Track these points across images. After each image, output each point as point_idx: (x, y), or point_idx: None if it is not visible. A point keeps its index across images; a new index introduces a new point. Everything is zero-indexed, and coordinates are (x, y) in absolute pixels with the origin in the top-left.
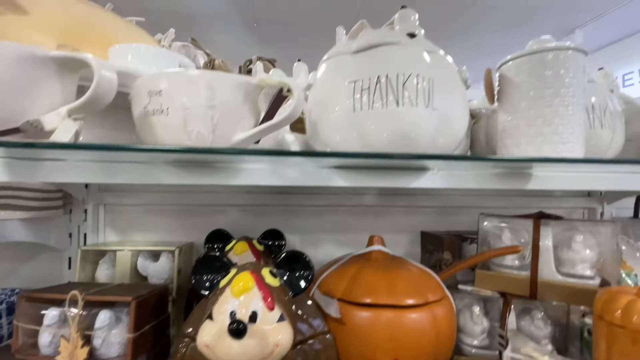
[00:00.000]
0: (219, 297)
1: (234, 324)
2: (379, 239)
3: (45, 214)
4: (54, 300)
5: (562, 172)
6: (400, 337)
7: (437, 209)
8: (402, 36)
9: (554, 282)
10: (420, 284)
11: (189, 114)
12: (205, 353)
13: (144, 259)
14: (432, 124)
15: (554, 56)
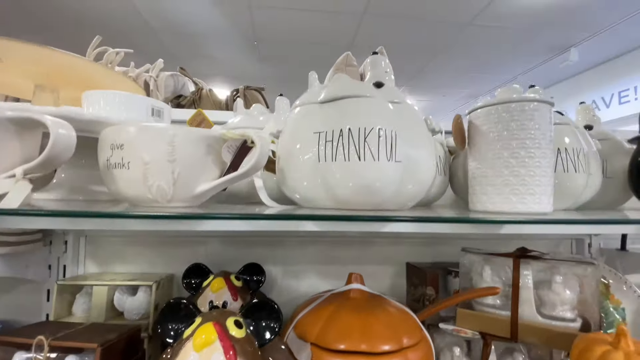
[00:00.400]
0: (181, 349)
1: None
2: (357, 276)
3: (24, 249)
4: (20, 345)
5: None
6: None
7: (423, 239)
8: (367, 88)
9: (534, 324)
10: (397, 328)
11: (149, 169)
12: None
13: (121, 293)
14: (396, 175)
15: (520, 107)
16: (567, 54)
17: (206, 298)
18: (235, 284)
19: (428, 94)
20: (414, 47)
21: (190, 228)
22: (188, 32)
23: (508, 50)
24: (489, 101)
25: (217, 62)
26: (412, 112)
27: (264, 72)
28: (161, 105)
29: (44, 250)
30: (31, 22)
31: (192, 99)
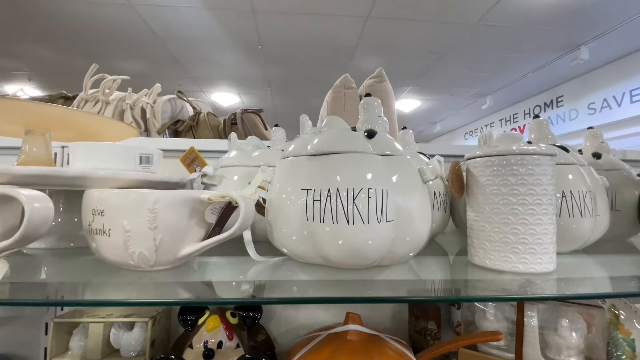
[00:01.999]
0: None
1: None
2: (355, 317)
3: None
4: None
5: None
6: None
7: None
8: (357, 141)
9: None
10: None
11: (130, 237)
12: None
13: (117, 329)
14: (387, 235)
15: (520, 161)
16: (577, 52)
17: (201, 337)
18: (231, 322)
19: (435, 93)
20: (420, 46)
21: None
22: (192, 38)
23: (516, 49)
24: (487, 151)
25: (222, 67)
26: (404, 164)
27: (269, 75)
28: (150, 151)
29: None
30: (37, 32)
31: (190, 125)
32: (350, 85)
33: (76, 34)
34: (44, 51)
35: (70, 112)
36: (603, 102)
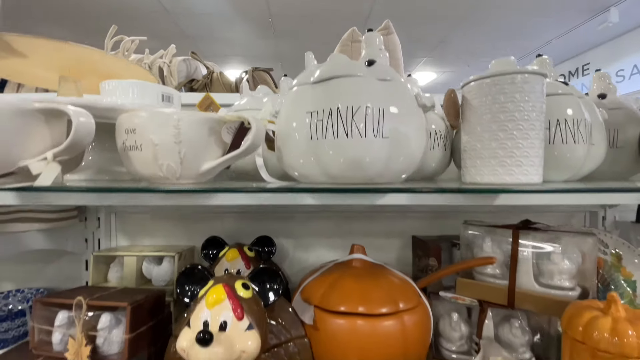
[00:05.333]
0: (196, 306)
1: (201, 334)
2: (359, 247)
3: (62, 224)
4: (63, 305)
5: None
6: (369, 342)
7: (429, 213)
8: (357, 67)
9: (531, 293)
10: (394, 293)
11: (159, 150)
12: (182, 356)
13: (148, 263)
14: (383, 150)
15: (510, 80)
16: (607, 14)
17: (222, 267)
18: (248, 255)
19: (451, 65)
20: (434, 16)
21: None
22: (203, 13)
23: (539, 14)
24: (480, 75)
25: (232, 43)
26: (402, 89)
27: (280, 50)
28: (171, 91)
29: (80, 226)
30: (47, 11)
31: (204, 83)
32: (358, 39)
33: (86, 12)
34: (54, 30)
35: (99, 53)
36: (633, 69)
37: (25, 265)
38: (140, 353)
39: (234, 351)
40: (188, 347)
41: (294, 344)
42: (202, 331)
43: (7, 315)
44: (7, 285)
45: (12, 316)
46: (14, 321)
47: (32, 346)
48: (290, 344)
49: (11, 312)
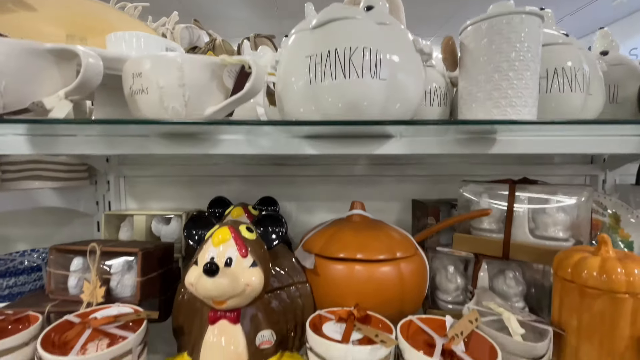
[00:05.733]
0: (203, 247)
1: (207, 265)
2: (359, 204)
3: (73, 184)
4: (78, 251)
5: (524, 136)
6: (367, 287)
7: (428, 177)
8: (355, 10)
9: (525, 244)
10: (392, 243)
11: (164, 92)
12: (191, 290)
13: (157, 222)
14: (381, 93)
15: (506, 21)
16: None
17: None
18: (253, 213)
19: None
20: None
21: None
22: None
23: None
24: (476, 18)
25: (235, 22)
26: (400, 33)
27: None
28: (175, 46)
29: (90, 189)
30: None
31: (207, 49)
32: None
33: None
34: None
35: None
36: None
37: (40, 227)
38: (151, 297)
39: (238, 285)
40: (195, 280)
41: (295, 288)
42: (208, 262)
43: (23, 269)
44: (23, 245)
45: (28, 270)
46: (30, 275)
47: (48, 291)
48: (292, 287)
49: (27, 267)
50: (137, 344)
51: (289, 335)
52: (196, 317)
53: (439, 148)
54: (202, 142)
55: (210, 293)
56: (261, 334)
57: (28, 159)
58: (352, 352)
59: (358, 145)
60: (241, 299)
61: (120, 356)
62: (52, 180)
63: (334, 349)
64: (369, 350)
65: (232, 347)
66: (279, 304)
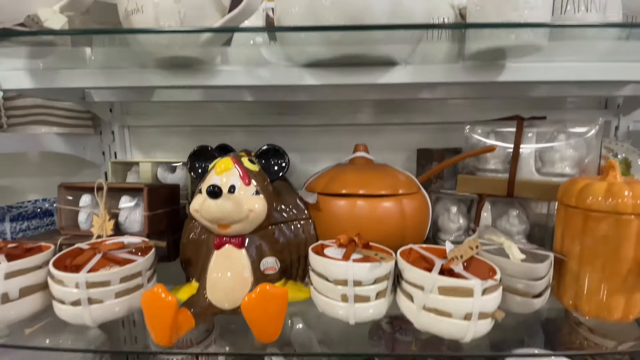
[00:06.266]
0: (206, 177)
1: (211, 187)
2: (362, 146)
3: (79, 131)
4: (85, 188)
5: (534, 62)
6: (369, 221)
7: (434, 126)
8: None
9: (531, 181)
10: (394, 182)
11: (159, 11)
12: (196, 217)
13: (162, 170)
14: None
15: None
16: None
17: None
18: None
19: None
20: None
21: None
22: None
23: None
24: None
25: None
26: None
27: None
28: None
29: (96, 139)
30: None
31: None
32: None
33: None
34: None
35: None
36: None
37: (49, 178)
38: (159, 233)
39: (242, 210)
40: (200, 205)
41: (298, 223)
42: (211, 185)
43: (35, 214)
44: (34, 196)
45: (40, 215)
46: (43, 220)
47: (59, 227)
48: (296, 222)
49: (39, 212)
50: (146, 268)
51: (293, 266)
52: (202, 247)
53: (446, 76)
54: (200, 73)
55: (214, 215)
56: (265, 260)
57: (33, 104)
58: (352, 269)
59: (360, 74)
60: (245, 224)
61: (129, 277)
62: (57, 126)
63: (335, 266)
64: (369, 267)
65: (238, 270)
66: (282, 237)
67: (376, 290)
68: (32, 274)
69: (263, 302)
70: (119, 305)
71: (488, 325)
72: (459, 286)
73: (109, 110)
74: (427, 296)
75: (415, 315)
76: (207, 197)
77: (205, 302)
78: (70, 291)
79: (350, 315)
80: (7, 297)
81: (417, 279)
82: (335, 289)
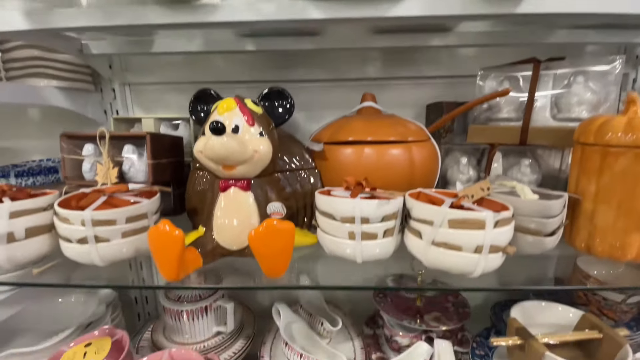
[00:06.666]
0: (209, 118)
1: (213, 123)
2: (370, 95)
3: (78, 86)
4: (88, 137)
5: None
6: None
7: (444, 79)
8: None
9: (546, 127)
10: (403, 129)
11: None
12: (199, 159)
13: (165, 127)
14: None
15: None
16: None
17: None
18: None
19: None
20: None
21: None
22: None
23: None
24: None
25: None
26: None
27: None
28: None
29: (97, 96)
30: None
31: None
32: None
33: None
34: None
35: None
36: None
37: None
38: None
39: (247, 150)
40: (203, 146)
41: (304, 172)
42: (214, 121)
43: (40, 170)
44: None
45: (45, 171)
46: (48, 176)
47: (63, 177)
48: (302, 171)
49: (44, 168)
50: (152, 211)
51: (299, 214)
52: (207, 194)
53: (461, 7)
54: (200, 9)
55: (218, 153)
56: (272, 205)
57: (30, 56)
58: (359, 205)
59: (368, 6)
60: (250, 166)
61: (135, 217)
62: (57, 79)
63: (342, 203)
64: (377, 203)
65: (244, 213)
66: (288, 185)
67: (384, 228)
68: (38, 215)
69: (270, 236)
70: (126, 246)
71: (499, 260)
72: (471, 218)
73: (109, 67)
74: (437, 230)
75: (423, 252)
76: (211, 134)
77: (212, 243)
78: (77, 229)
79: (357, 253)
80: (13, 237)
81: (426, 214)
82: (343, 227)
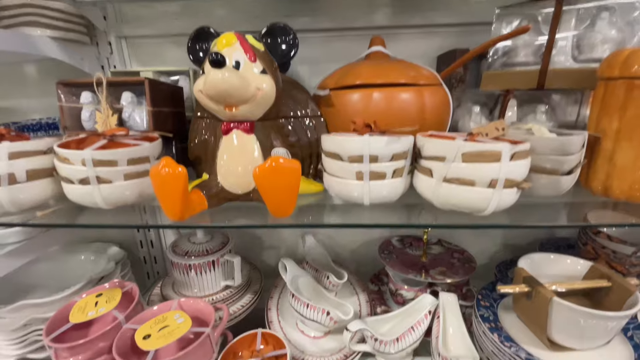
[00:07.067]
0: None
1: (212, 55)
2: (378, 39)
3: (73, 36)
4: (85, 84)
5: None
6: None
7: (456, 28)
8: None
9: (567, 69)
10: (414, 73)
11: None
12: (200, 99)
13: (164, 80)
14: None
15: None
16: None
17: None
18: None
19: None
20: None
21: None
22: None
23: None
24: None
25: None
26: None
27: None
28: None
29: (93, 49)
30: None
31: None
32: None
33: None
34: None
35: None
36: None
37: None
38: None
39: (249, 87)
40: (203, 83)
41: (310, 120)
42: (214, 52)
43: (40, 126)
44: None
45: (45, 127)
46: (48, 132)
47: (62, 126)
48: (307, 119)
49: (45, 124)
50: (154, 156)
51: (304, 162)
52: (210, 141)
53: None
54: None
55: (219, 88)
56: (276, 150)
57: (23, 3)
58: (368, 143)
59: None
60: (252, 106)
61: (137, 160)
62: (50, 29)
63: (350, 142)
64: (386, 140)
65: (248, 155)
66: (293, 131)
67: (393, 168)
68: (38, 158)
69: (275, 173)
70: (129, 189)
71: (513, 196)
72: (486, 150)
73: (103, 18)
74: (449, 166)
75: (433, 191)
76: (211, 67)
77: (217, 187)
78: (78, 169)
79: (365, 194)
80: (14, 178)
81: (439, 149)
82: (350, 167)
